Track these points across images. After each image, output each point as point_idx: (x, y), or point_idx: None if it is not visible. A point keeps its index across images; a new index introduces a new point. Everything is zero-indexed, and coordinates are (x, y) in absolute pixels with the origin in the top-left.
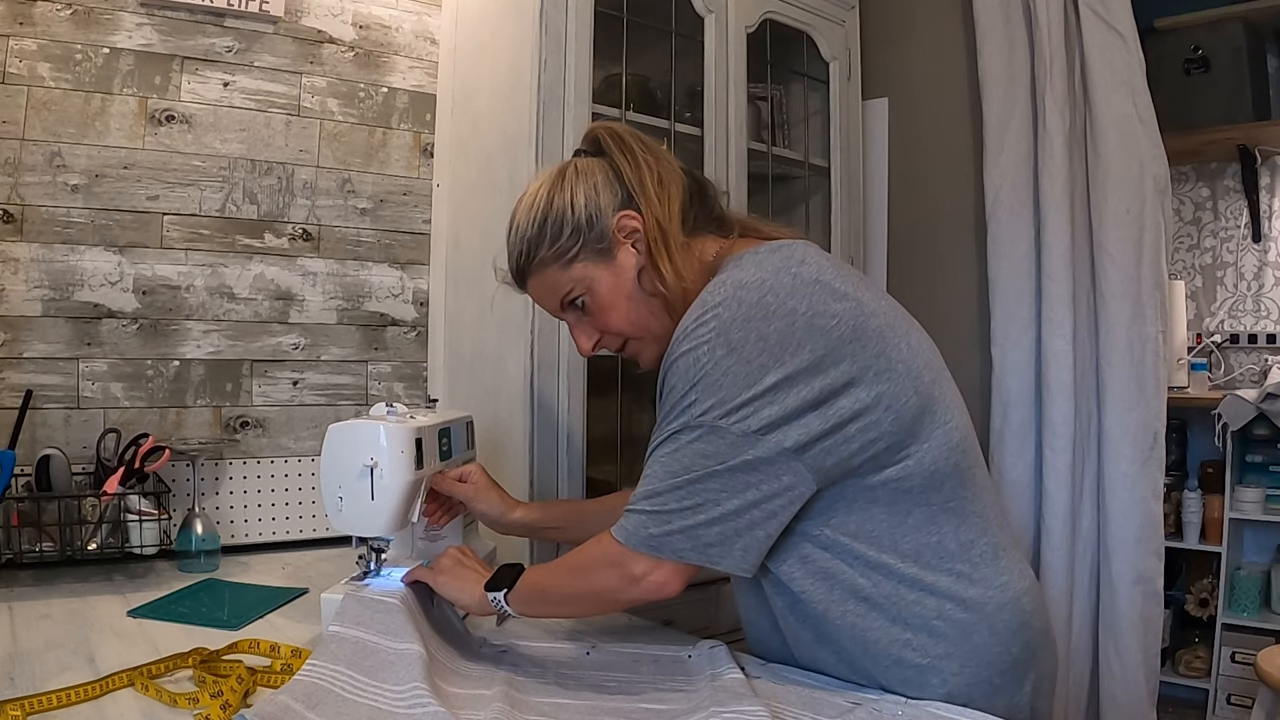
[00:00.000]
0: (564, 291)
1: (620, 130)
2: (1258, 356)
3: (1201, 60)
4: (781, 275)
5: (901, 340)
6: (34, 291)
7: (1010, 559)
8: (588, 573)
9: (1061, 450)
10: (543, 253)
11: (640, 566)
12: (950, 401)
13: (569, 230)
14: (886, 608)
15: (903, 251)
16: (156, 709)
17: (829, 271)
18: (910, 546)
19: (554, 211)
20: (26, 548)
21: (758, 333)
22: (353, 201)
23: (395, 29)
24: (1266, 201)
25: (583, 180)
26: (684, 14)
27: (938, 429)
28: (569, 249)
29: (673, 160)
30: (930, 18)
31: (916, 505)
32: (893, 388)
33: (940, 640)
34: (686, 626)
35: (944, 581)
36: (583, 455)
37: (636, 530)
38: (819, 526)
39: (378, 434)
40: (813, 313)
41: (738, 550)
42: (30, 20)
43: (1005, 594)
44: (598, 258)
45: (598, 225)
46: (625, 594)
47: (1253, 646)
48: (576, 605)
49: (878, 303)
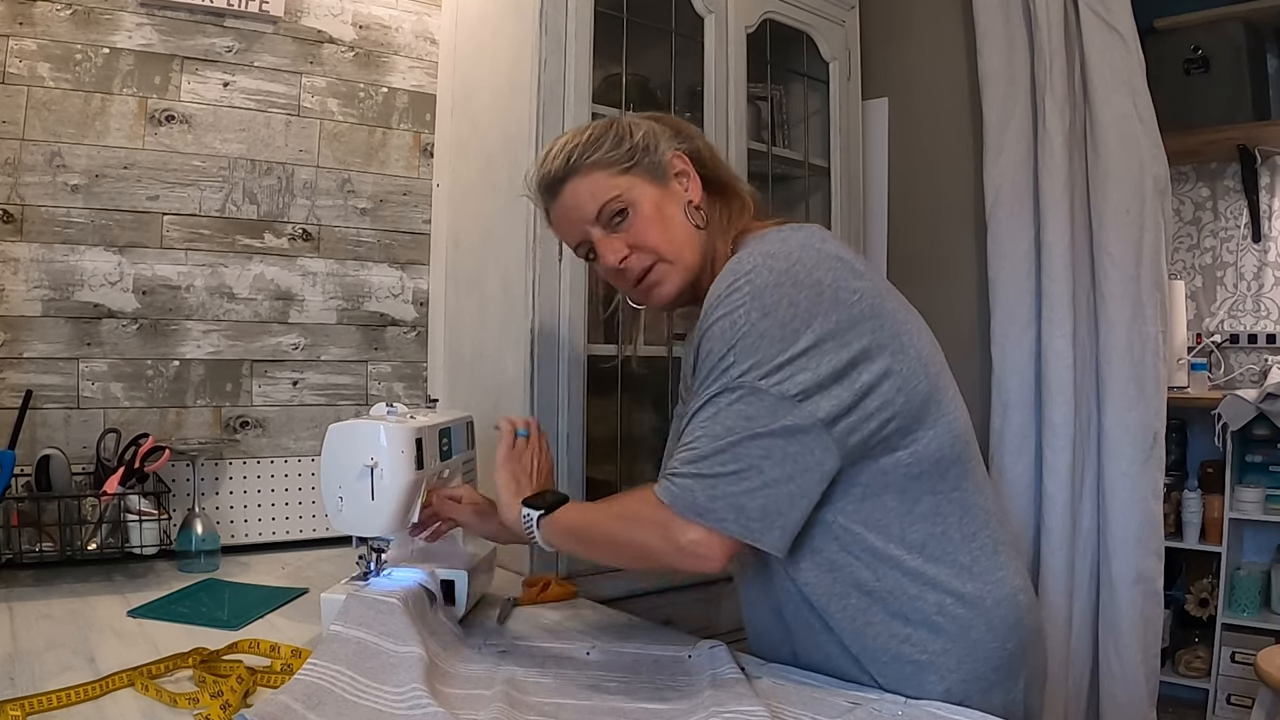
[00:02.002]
0: (609, 197)
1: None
2: (1258, 356)
3: (1201, 60)
4: (807, 249)
5: (910, 329)
6: (34, 291)
7: (1007, 556)
8: (633, 524)
9: (1061, 450)
10: (599, 154)
11: (690, 535)
12: (952, 394)
13: (628, 145)
14: (888, 602)
15: (903, 252)
16: (156, 709)
17: (847, 253)
18: (917, 537)
19: (615, 128)
20: (26, 548)
21: (789, 298)
22: (353, 201)
23: (395, 29)
24: (1266, 201)
25: (641, 121)
26: (684, 14)
27: (943, 417)
28: (626, 159)
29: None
30: (930, 18)
31: (925, 493)
32: (905, 368)
33: (939, 636)
34: (686, 626)
35: (945, 575)
36: (583, 455)
37: (683, 495)
38: (834, 514)
39: (378, 434)
40: (837, 285)
41: (777, 529)
42: (30, 20)
43: (1002, 589)
44: (651, 176)
45: (655, 153)
46: (668, 558)
47: (1253, 646)
48: (614, 552)
49: (888, 293)
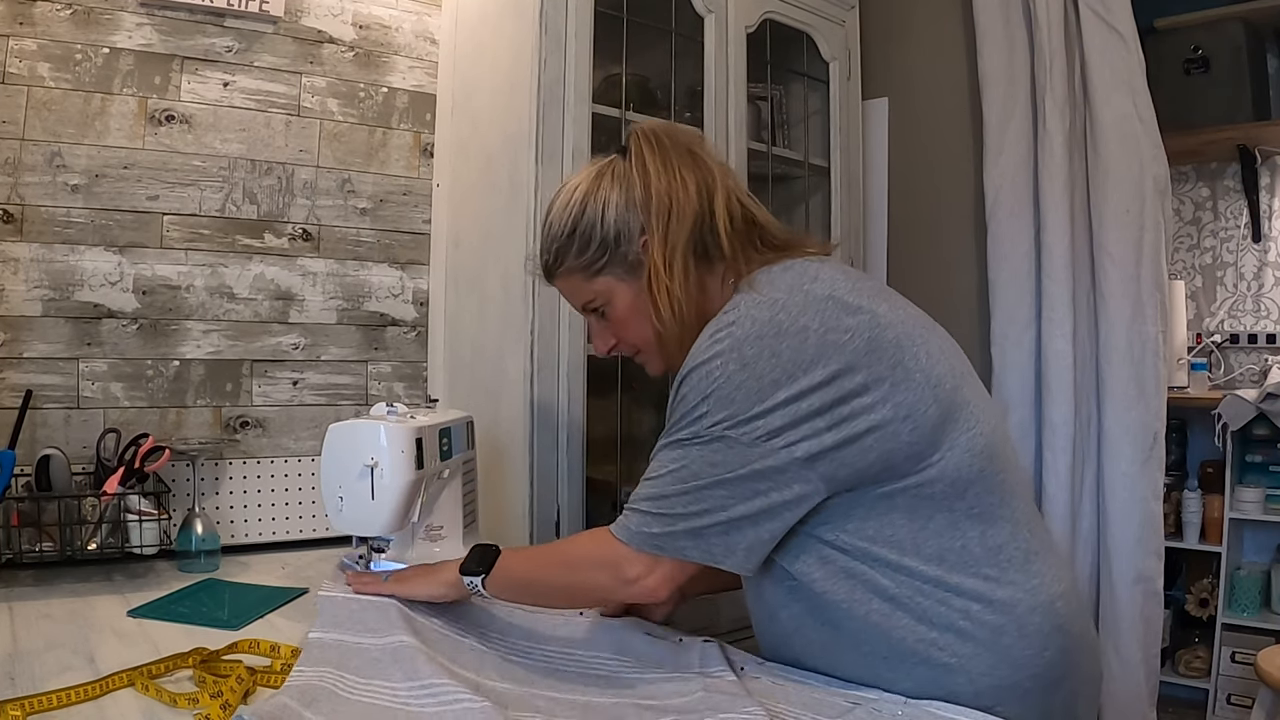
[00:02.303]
0: (585, 300)
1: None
2: (1258, 356)
3: (1201, 60)
4: (794, 293)
5: (920, 348)
6: (34, 291)
7: (1044, 563)
8: (580, 569)
9: (1061, 450)
10: (570, 261)
11: (636, 569)
12: (976, 406)
13: (597, 243)
14: (911, 607)
15: (903, 252)
16: (156, 709)
17: (842, 286)
18: (933, 550)
19: (585, 221)
20: (26, 548)
21: (770, 349)
22: (353, 201)
23: (395, 29)
24: (1266, 201)
25: (617, 189)
26: (684, 14)
27: (961, 436)
28: (595, 261)
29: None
30: (930, 18)
31: (938, 511)
32: (911, 397)
33: (967, 641)
34: (686, 627)
35: (970, 583)
36: (583, 455)
37: (639, 529)
38: (835, 531)
39: (378, 434)
40: (825, 329)
41: (741, 550)
42: (30, 20)
43: (1036, 597)
44: (623, 273)
45: (624, 243)
46: (617, 594)
47: (1253, 646)
48: (562, 599)
49: (895, 313)
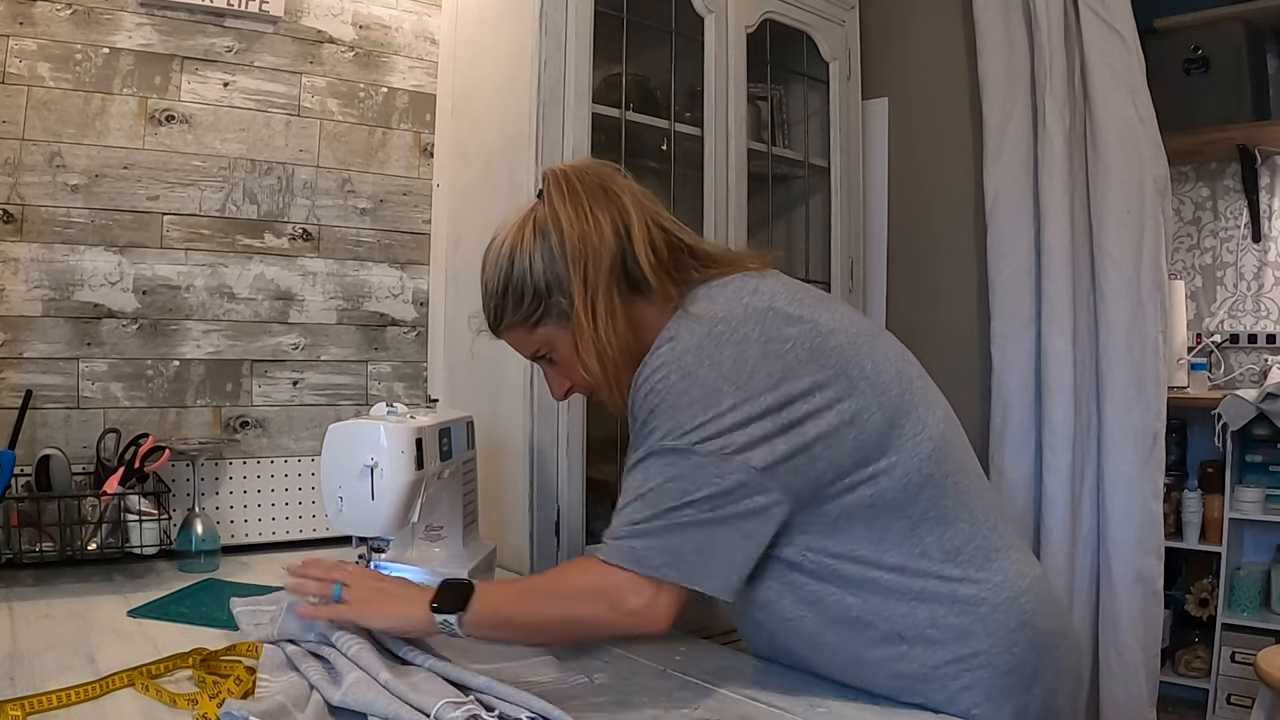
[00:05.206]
0: (533, 349)
1: (560, 182)
2: (1258, 356)
3: (1201, 60)
4: (733, 306)
5: (865, 356)
6: (34, 291)
7: (1006, 559)
8: (572, 601)
9: (1061, 450)
10: (508, 317)
11: (636, 600)
12: (924, 410)
13: (530, 296)
14: (879, 624)
15: (903, 252)
16: (156, 709)
17: (782, 298)
18: (894, 559)
19: (515, 277)
20: (26, 548)
21: (711, 358)
22: (353, 201)
23: (395, 29)
24: (1266, 201)
25: (538, 240)
26: (684, 14)
27: (906, 441)
28: (532, 314)
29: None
30: (930, 18)
31: (896, 519)
32: (855, 404)
33: (937, 649)
34: (686, 627)
35: (933, 587)
36: (582, 455)
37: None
38: (800, 552)
39: (378, 434)
40: (766, 338)
41: (721, 575)
42: (30, 20)
43: (1000, 594)
44: (561, 320)
45: (556, 293)
46: (614, 626)
47: (1253, 646)
48: (551, 634)
49: (837, 321)
